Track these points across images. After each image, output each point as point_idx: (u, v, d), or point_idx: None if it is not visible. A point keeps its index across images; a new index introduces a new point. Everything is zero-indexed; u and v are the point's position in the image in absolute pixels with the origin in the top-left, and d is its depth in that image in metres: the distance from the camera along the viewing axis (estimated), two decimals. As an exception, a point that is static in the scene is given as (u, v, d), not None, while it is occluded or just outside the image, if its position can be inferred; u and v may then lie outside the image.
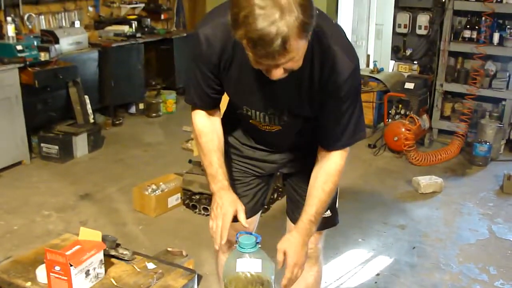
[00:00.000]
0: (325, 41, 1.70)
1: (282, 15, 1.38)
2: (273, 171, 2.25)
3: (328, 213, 2.22)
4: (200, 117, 2.02)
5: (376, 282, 3.31)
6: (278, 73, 1.54)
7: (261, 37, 1.39)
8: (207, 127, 2.02)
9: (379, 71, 6.33)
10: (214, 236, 1.90)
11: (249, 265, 1.80)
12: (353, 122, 1.86)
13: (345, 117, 1.84)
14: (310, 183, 1.96)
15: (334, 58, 1.72)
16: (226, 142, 2.11)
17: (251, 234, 1.85)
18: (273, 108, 1.88)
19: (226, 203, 1.91)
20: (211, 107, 2.01)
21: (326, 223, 2.25)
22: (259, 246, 1.83)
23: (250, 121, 1.98)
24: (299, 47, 1.47)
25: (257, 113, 1.92)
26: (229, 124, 2.12)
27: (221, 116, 2.08)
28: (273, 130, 1.98)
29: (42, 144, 5.16)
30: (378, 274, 3.40)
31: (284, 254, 1.86)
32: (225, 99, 2.07)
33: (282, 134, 2.00)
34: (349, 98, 1.81)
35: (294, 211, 2.29)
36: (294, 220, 2.28)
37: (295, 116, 1.91)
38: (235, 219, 1.93)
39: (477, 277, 3.41)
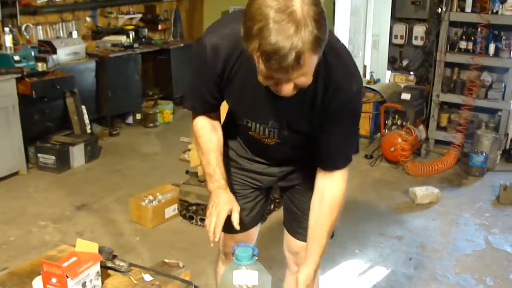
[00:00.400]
0: (331, 60, 1.69)
1: (297, 29, 1.37)
2: (272, 184, 2.25)
3: None
4: (199, 118, 2.04)
5: (373, 293, 3.32)
6: (287, 89, 1.53)
7: (276, 51, 1.39)
8: (207, 127, 2.03)
9: (376, 81, 6.35)
10: (208, 233, 1.93)
11: (246, 277, 1.80)
12: (352, 141, 1.89)
13: (345, 138, 1.86)
14: (314, 210, 1.96)
15: (339, 78, 1.73)
16: (224, 155, 2.11)
17: (248, 246, 1.85)
18: (274, 122, 1.88)
19: (222, 201, 1.93)
20: (210, 111, 2.02)
21: None
22: (256, 258, 1.83)
23: (250, 132, 1.98)
24: (312, 63, 1.46)
25: (257, 125, 1.92)
26: (227, 136, 2.12)
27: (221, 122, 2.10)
28: (272, 143, 1.98)
29: (39, 154, 5.16)
30: (374, 286, 3.40)
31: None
32: (223, 109, 2.08)
33: (281, 147, 2.00)
34: (350, 121, 1.83)
35: (291, 223, 2.29)
36: (292, 231, 2.29)
37: (295, 131, 1.91)
38: (234, 229, 1.94)
39: (473, 288, 3.42)
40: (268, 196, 2.34)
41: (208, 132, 2.03)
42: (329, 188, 1.91)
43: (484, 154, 5.29)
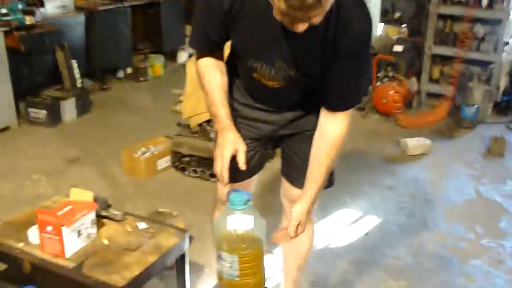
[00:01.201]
0: None
1: None
2: (272, 133, 2.21)
3: None
4: (203, 58, 2.00)
5: (364, 242, 3.36)
6: (303, 27, 1.55)
7: None
8: (210, 66, 1.99)
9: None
10: (219, 178, 1.91)
11: (240, 222, 1.80)
12: (360, 82, 1.87)
13: (354, 77, 1.84)
14: (314, 149, 1.96)
15: (350, 17, 1.71)
16: None
17: (242, 191, 1.85)
18: (281, 61, 1.85)
19: (226, 142, 1.89)
20: (214, 50, 1.99)
21: None
22: (251, 203, 1.84)
23: (254, 74, 1.95)
24: (329, 1, 1.48)
25: (264, 66, 1.89)
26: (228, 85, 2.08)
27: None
28: (276, 86, 1.95)
29: (29, 109, 5.12)
30: (366, 234, 3.44)
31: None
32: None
33: (285, 91, 1.97)
34: (359, 60, 1.81)
35: (290, 171, 2.29)
36: (291, 180, 2.28)
37: (302, 73, 1.88)
38: (233, 178, 1.94)
39: (464, 236, 3.46)
40: (266, 147, 2.31)
41: (212, 71, 1.99)
42: (331, 128, 1.90)
43: (475, 106, 5.30)
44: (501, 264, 3.17)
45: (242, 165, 1.88)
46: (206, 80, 1.99)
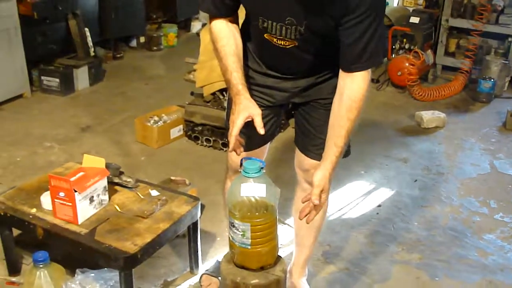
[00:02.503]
0: None
1: None
2: (285, 100, 2.18)
3: None
4: (217, 23, 1.97)
5: (377, 213, 3.34)
6: None
7: None
8: (224, 31, 1.96)
9: (386, 4, 6.20)
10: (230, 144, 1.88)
11: (254, 189, 1.79)
12: (375, 41, 1.79)
13: (367, 34, 1.77)
14: (333, 112, 1.91)
15: None
16: None
17: (256, 159, 1.84)
18: (291, 17, 1.82)
19: (239, 109, 1.86)
20: (227, 14, 1.96)
21: None
22: (264, 171, 1.82)
23: (265, 35, 1.92)
24: None
25: (274, 23, 1.86)
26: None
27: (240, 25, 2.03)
28: (288, 46, 1.91)
29: (42, 77, 5.11)
30: (379, 206, 3.42)
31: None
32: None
33: (297, 52, 1.93)
34: (372, 14, 1.74)
35: (304, 140, 2.26)
36: (304, 150, 2.26)
37: (312, 31, 1.84)
38: (245, 146, 1.91)
39: (477, 210, 3.44)
40: (279, 116, 2.28)
41: (225, 36, 1.96)
42: (349, 89, 1.85)
43: (492, 80, 5.22)
44: (515, 239, 3.15)
45: (260, 130, 1.84)
46: (220, 45, 1.96)
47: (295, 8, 1.79)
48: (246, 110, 1.85)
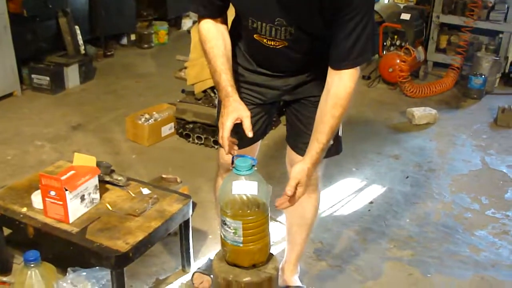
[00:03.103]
0: None
1: None
2: (276, 98, 2.18)
3: (331, 141, 2.20)
4: (205, 23, 1.97)
5: (369, 210, 3.34)
6: None
7: None
8: (213, 32, 1.96)
9: (375, 1, 6.20)
10: (223, 147, 1.87)
11: (245, 187, 1.79)
12: (364, 38, 1.78)
13: (356, 31, 1.76)
14: (319, 108, 1.91)
15: None
16: None
17: (247, 157, 1.83)
18: (281, 17, 1.81)
19: (228, 111, 1.86)
20: (216, 15, 1.96)
21: (329, 151, 2.22)
22: (255, 169, 1.82)
23: (255, 36, 1.92)
24: None
25: (263, 24, 1.86)
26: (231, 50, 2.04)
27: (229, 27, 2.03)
28: (278, 46, 1.91)
29: (33, 75, 5.08)
30: (371, 202, 3.43)
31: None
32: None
33: (288, 52, 1.93)
34: (362, 11, 1.73)
35: (294, 138, 2.26)
36: (294, 147, 2.26)
37: (302, 30, 1.84)
38: (240, 143, 1.92)
39: (469, 206, 3.45)
40: (270, 114, 2.28)
41: (214, 37, 1.95)
42: (336, 86, 1.85)
43: (483, 76, 5.24)
44: (506, 235, 3.16)
45: (248, 133, 1.85)
46: (209, 46, 1.95)
47: (284, 9, 1.78)
48: (235, 112, 1.85)
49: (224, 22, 2.00)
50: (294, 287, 2.51)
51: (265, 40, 1.92)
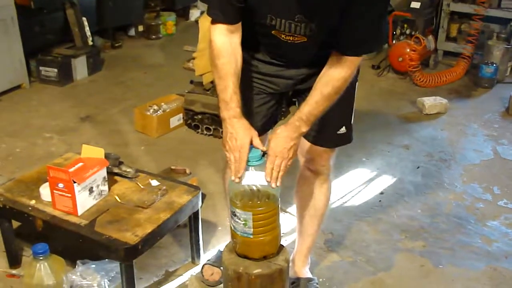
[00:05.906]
0: None
1: None
2: (288, 88, 2.16)
3: (343, 129, 2.17)
4: (219, 35, 1.90)
5: (380, 201, 3.31)
6: None
7: None
8: (226, 47, 1.89)
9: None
10: (234, 168, 1.81)
11: (255, 178, 1.78)
12: (370, 30, 1.79)
13: (363, 23, 1.76)
14: (315, 84, 1.90)
15: None
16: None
17: (256, 148, 1.82)
18: (301, 14, 1.79)
19: (241, 133, 1.83)
20: (233, 19, 1.89)
21: (341, 139, 2.20)
22: (265, 159, 1.80)
23: (273, 32, 1.88)
24: None
25: (283, 21, 1.83)
26: (243, 41, 1.98)
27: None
28: (296, 41, 1.89)
29: (40, 67, 5.07)
30: (382, 193, 3.40)
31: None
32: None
33: (305, 46, 1.91)
34: (371, 5, 1.73)
35: None
36: (307, 136, 2.23)
37: (323, 25, 1.82)
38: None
39: (481, 196, 3.41)
40: (281, 103, 2.27)
41: (227, 53, 1.89)
42: (333, 68, 1.85)
43: (494, 65, 5.18)
44: (519, 225, 3.13)
45: (262, 148, 1.83)
46: (221, 62, 1.90)
47: (305, 6, 1.76)
48: (248, 134, 1.83)
49: (238, 31, 1.93)
50: (305, 279, 2.49)
51: (283, 36, 1.89)
